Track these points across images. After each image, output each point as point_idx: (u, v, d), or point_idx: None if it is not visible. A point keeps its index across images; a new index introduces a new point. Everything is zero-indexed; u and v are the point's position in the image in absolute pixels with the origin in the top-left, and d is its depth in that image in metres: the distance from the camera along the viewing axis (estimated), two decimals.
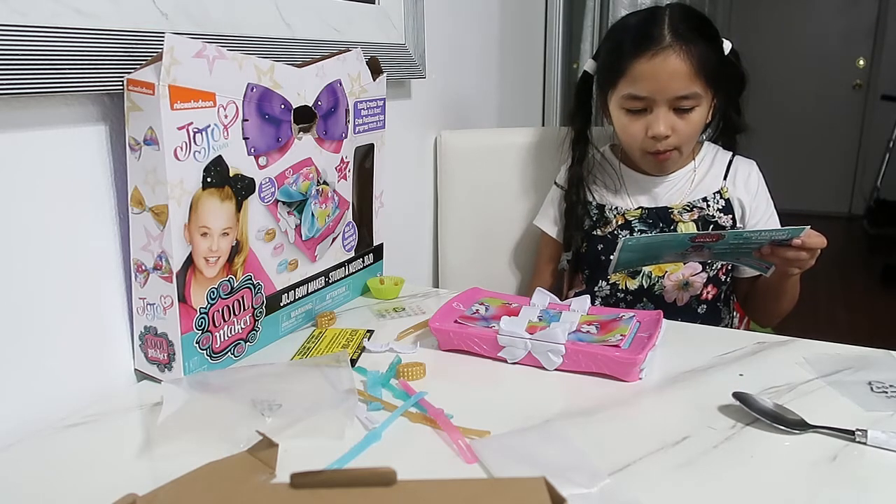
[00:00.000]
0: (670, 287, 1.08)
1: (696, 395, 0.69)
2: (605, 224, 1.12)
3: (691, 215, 1.08)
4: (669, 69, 0.97)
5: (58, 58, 0.63)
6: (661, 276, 1.08)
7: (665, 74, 0.97)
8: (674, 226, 1.08)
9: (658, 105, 0.99)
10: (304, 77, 0.82)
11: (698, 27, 1.00)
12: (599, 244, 1.12)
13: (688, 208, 1.09)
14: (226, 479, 0.51)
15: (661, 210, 1.10)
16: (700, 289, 1.08)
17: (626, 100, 1.01)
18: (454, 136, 1.33)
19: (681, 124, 1.01)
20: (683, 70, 0.97)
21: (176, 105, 0.65)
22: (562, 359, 0.74)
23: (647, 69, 0.97)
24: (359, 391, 0.68)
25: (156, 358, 0.73)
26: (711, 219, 1.08)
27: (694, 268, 1.08)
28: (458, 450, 0.59)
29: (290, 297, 0.86)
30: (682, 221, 1.08)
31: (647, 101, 1.00)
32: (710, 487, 0.54)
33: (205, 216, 0.71)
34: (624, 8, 1.69)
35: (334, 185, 0.91)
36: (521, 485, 0.37)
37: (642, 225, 1.09)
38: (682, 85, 0.97)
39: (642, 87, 0.99)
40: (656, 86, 0.98)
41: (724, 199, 1.09)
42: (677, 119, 1.00)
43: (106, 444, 0.62)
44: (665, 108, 0.99)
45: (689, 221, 1.08)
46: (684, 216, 1.08)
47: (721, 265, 1.09)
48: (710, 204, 1.09)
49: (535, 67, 1.77)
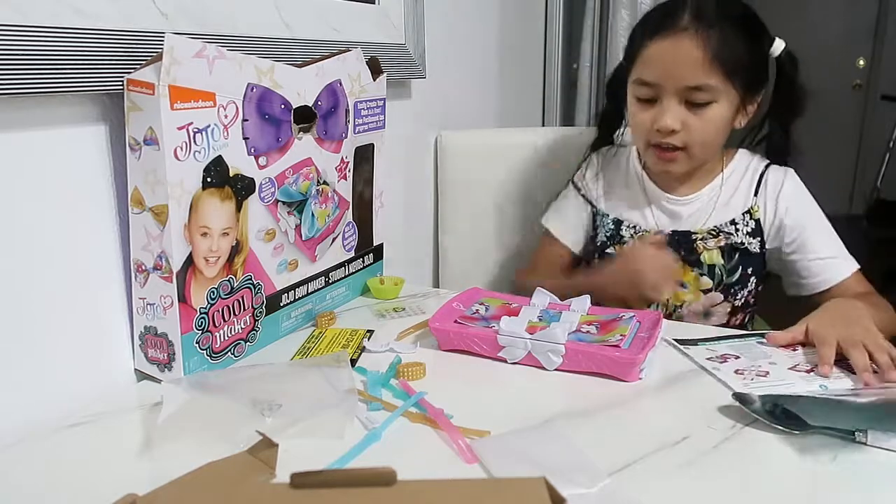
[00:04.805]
0: (689, 316, 1.00)
1: (696, 395, 0.69)
2: (619, 242, 1.02)
3: (717, 241, 0.97)
4: (681, 54, 0.87)
5: (58, 58, 0.63)
6: (678, 305, 1.00)
7: (675, 59, 0.87)
8: (697, 256, 0.97)
9: (666, 94, 0.90)
10: (304, 77, 0.82)
11: (731, 13, 0.89)
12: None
13: (713, 233, 0.97)
14: (226, 479, 0.51)
15: (683, 235, 0.98)
16: (725, 318, 1.00)
17: (637, 86, 0.93)
18: (454, 136, 1.33)
19: (693, 121, 0.90)
20: (696, 57, 0.86)
21: (176, 105, 0.65)
22: (562, 359, 0.74)
23: (657, 52, 0.89)
24: (359, 391, 0.68)
25: (156, 358, 0.73)
26: (740, 246, 0.97)
27: (714, 298, 0.99)
28: (458, 450, 0.59)
29: (290, 297, 0.86)
30: (706, 250, 0.97)
31: (656, 89, 0.90)
32: (710, 487, 0.54)
33: (205, 216, 0.71)
34: (624, 8, 1.68)
35: (334, 185, 0.91)
36: (521, 485, 0.37)
37: None
38: (692, 74, 0.87)
39: (650, 72, 0.90)
40: (664, 71, 0.89)
41: (753, 220, 0.98)
42: (689, 114, 0.90)
43: (106, 444, 0.62)
44: (674, 98, 0.90)
45: (715, 249, 0.97)
46: (709, 243, 0.97)
47: (746, 292, 0.99)
48: (738, 227, 0.97)
49: (535, 67, 1.77)
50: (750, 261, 0.98)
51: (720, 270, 0.98)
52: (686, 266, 0.98)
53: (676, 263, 0.95)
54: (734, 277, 0.98)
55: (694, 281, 0.99)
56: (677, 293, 0.98)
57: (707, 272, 0.98)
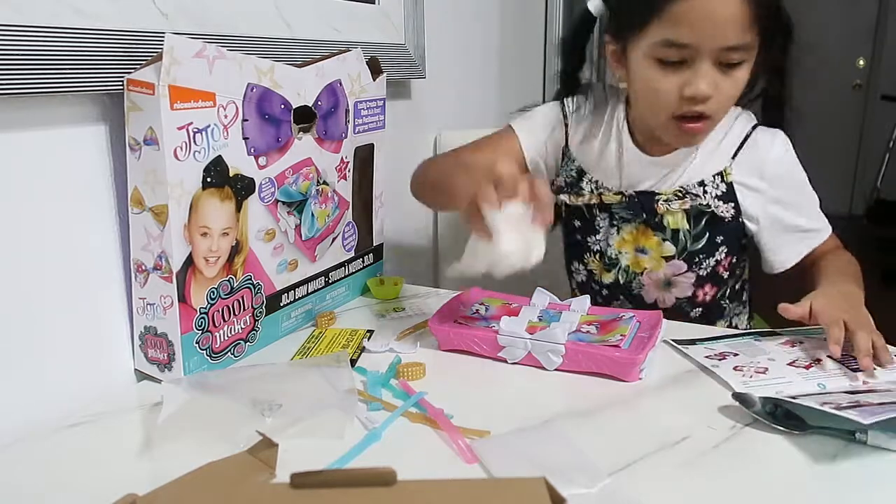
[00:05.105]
0: (650, 285, 0.95)
1: (696, 395, 0.69)
2: (576, 193, 0.96)
3: (682, 203, 0.89)
4: (726, 11, 0.76)
5: (58, 58, 0.63)
6: (639, 272, 0.94)
7: (719, 17, 0.76)
8: (658, 218, 0.91)
9: (702, 57, 0.78)
10: (304, 77, 0.82)
11: None
12: (576, 219, 0.97)
13: (679, 195, 0.89)
14: (226, 479, 0.51)
15: (645, 196, 0.91)
16: (690, 290, 0.94)
17: (661, 47, 0.79)
18: (454, 136, 1.33)
19: (725, 84, 0.80)
20: (741, 13, 0.76)
21: (176, 105, 0.65)
22: (562, 359, 0.74)
23: (695, 8, 0.76)
24: (359, 391, 0.68)
25: (156, 358, 0.73)
26: (706, 209, 0.89)
27: (678, 266, 0.92)
28: (458, 450, 0.59)
29: (290, 297, 0.86)
30: (668, 212, 0.90)
31: (689, 52, 0.78)
32: (710, 487, 0.54)
33: (205, 216, 0.71)
34: None
35: (334, 185, 0.91)
36: (521, 485, 0.37)
37: (624, 213, 0.93)
38: (735, 33, 0.77)
39: (686, 33, 0.77)
40: (705, 32, 0.77)
41: (725, 184, 0.89)
42: (720, 77, 0.79)
43: (106, 444, 0.62)
44: (709, 61, 0.78)
45: (679, 211, 0.89)
46: (673, 205, 0.89)
47: (713, 261, 0.93)
48: (706, 190, 0.89)
49: (535, 67, 1.77)
50: (720, 228, 0.91)
51: (684, 236, 0.91)
52: (648, 230, 0.92)
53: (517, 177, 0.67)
54: (699, 244, 0.91)
55: (656, 247, 0.92)
56: (638, 259, 0.93)
57: (670, 238, 0.91)
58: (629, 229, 0.94)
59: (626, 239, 0.94)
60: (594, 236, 0.97)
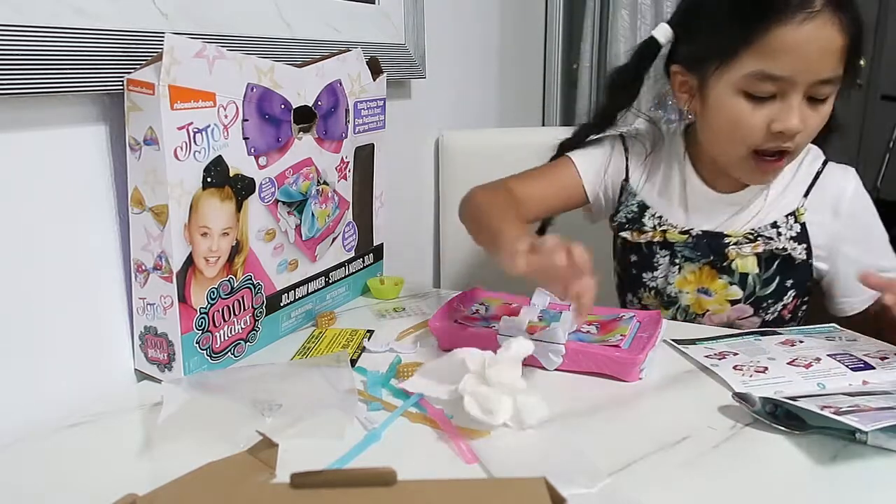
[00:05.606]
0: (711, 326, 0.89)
1: (696, 395, 0.69)
2: (638, 229, 0.91)
3: (754, 247, 0.84)
4: (823, 42, 0.72)
5: (58, 58, 0.63)
6: (700, 313, 0.90)
7: (817, 49, 0.72)
8: (728, 262, 0.86)
9: (796, 90, 0.74)
10: (304, 77, 0.82)
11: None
12: (633, 254, 0.93)
13: (749, 237, 0.84)
14: (226, 479, 0.51)
15: (714, 238, 0.86)
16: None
17: (754, 80, 0.75)
18: (454, 136, 1.33)
19: (813, 119, 0.76)
20: (838, 44, 0.73)
21: (176, 105, 0.65)
22: (562, 359, 0.74)
23: (796, 40, 0.72)
24: (359, 391, 0.68)
25: (156, 358, 0.73)
26: (782, 252, 0.84)
27: (743, 311, 0.88)
28: (458, 450, 0.59)
29: (290, 297, 0.86)
30: (739, 256, 0.85)
31: (783, 84, 0.74)
32: (710, 487, 0.54)
33: (205, 216, 0.71)
34: (624, 8, 1.69)
35: (334, 185, 0.91)
36: (521, 485, 0.37)
37: (688, 252, 0.88)
38: (831, 65, 0.73)
39: (783, 65, 0.73)
40: (802, 64, 0.73)
41: (799, 224, 0.84)
42: (809, 111, 0.76)
43: (106, 444, 0.62)
44: (801, 95, 0.74)
45: (750, 256, 0.84)
46: (744, 249, 0.84)
47: (780, 306, 0.88)
48: (780, 231, 0.84)
49: (535, 67, 1.77)
50: (791, 271, 0.86)
51: (753, 280, 0.87)
52: (713, 272, 0.88)
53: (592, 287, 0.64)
54: (769, 289, 0.87)
55: (721, 290, 0.88)
56: (700, 300, 0.89)
57: (738, 281, 0.87)
58: (692, 268, 0.89)
59: (689, 279, 0.90)
60: (651, 272, 0.92)
